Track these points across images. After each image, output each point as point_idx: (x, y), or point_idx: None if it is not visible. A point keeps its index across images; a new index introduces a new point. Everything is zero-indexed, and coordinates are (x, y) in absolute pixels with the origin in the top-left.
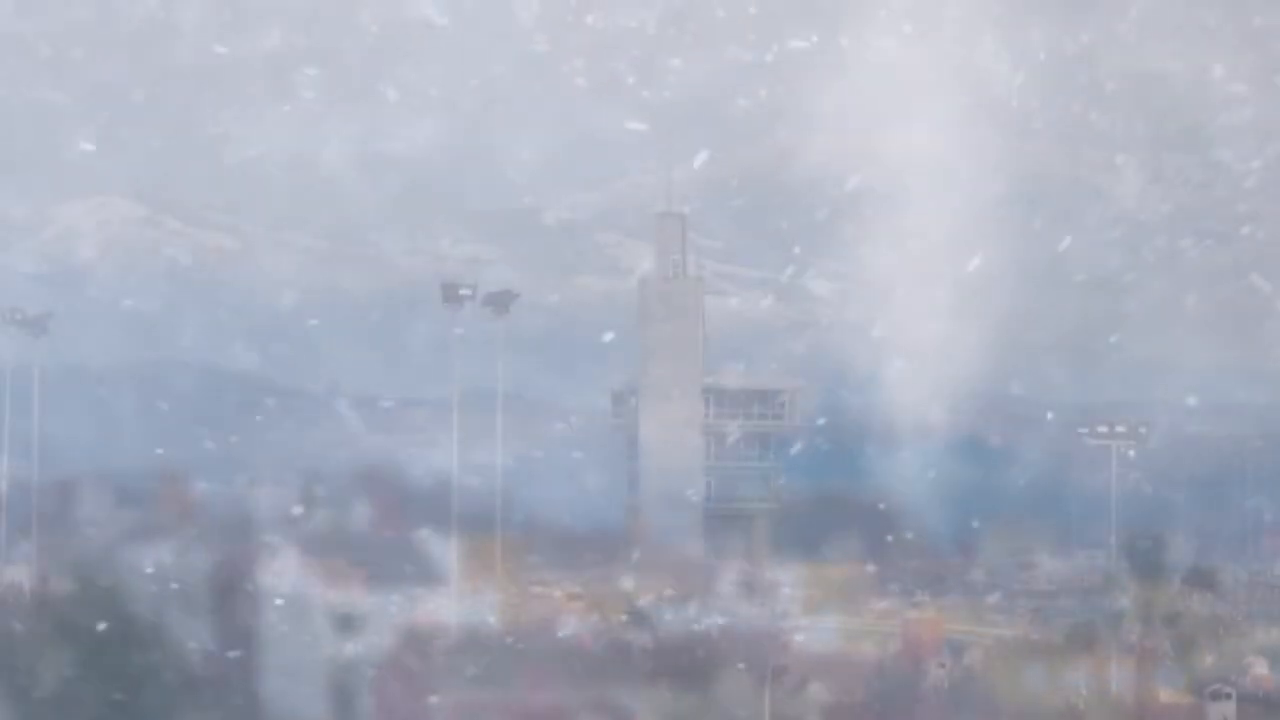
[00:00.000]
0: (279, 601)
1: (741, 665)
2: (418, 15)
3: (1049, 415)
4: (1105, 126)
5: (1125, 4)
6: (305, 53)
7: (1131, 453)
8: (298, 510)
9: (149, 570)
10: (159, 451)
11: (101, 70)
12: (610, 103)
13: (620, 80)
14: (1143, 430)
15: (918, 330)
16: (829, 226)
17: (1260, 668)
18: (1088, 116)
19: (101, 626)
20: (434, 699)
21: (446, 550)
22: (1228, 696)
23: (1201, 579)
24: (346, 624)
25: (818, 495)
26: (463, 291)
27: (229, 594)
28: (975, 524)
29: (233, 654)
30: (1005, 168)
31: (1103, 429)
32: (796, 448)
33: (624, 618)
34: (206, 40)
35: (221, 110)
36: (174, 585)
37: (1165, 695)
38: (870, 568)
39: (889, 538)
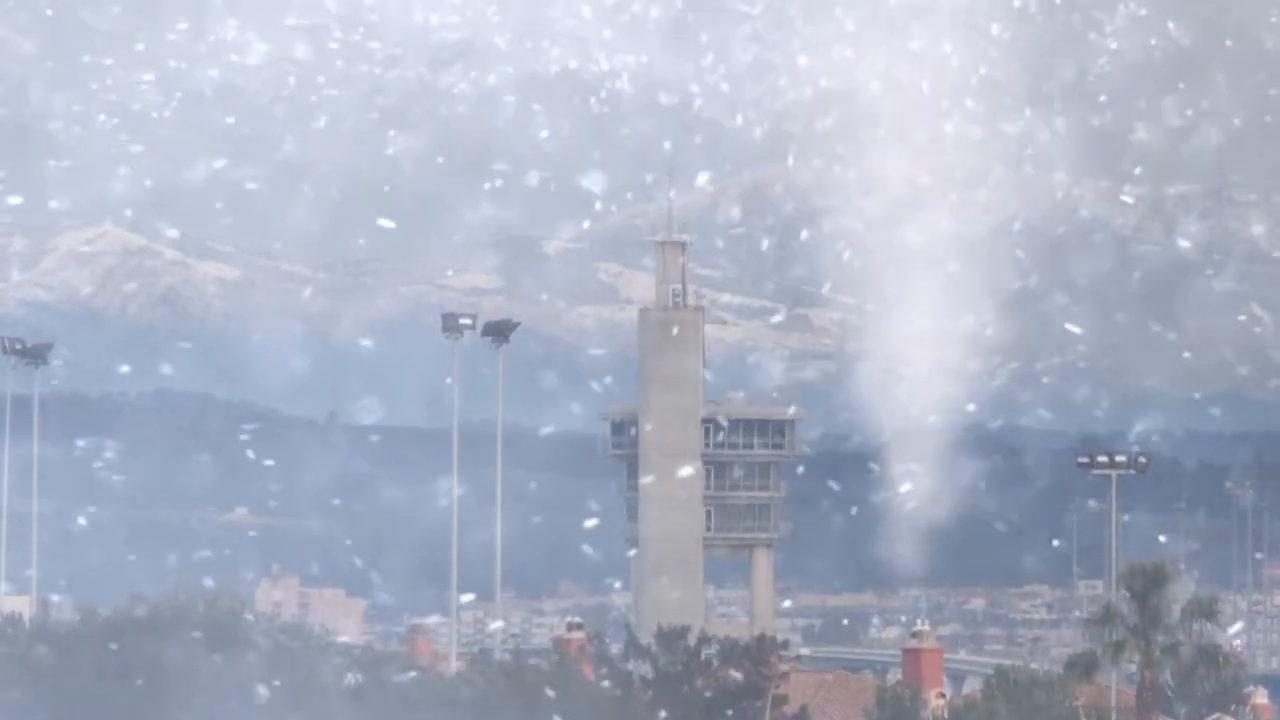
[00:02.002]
0: None
1: (740, 695)
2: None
3: (1049, 444)
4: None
5: None
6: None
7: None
8: None
9: None
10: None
11: None
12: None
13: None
14: (1142, 459)
15: (918, 359)
16: (829, 255)
17: (1260, 697)
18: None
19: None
20: None
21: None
22: None
23: (1201, 608)
24: None
25: (819, 525)
26: (463, 321)
27: None
28: (975, 553)
29: None
30: (1004, 198)
31: (1102, 458)
32: (797, 477)
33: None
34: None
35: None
36: None
37: None
38: (871, 597)
39: (889, 567)
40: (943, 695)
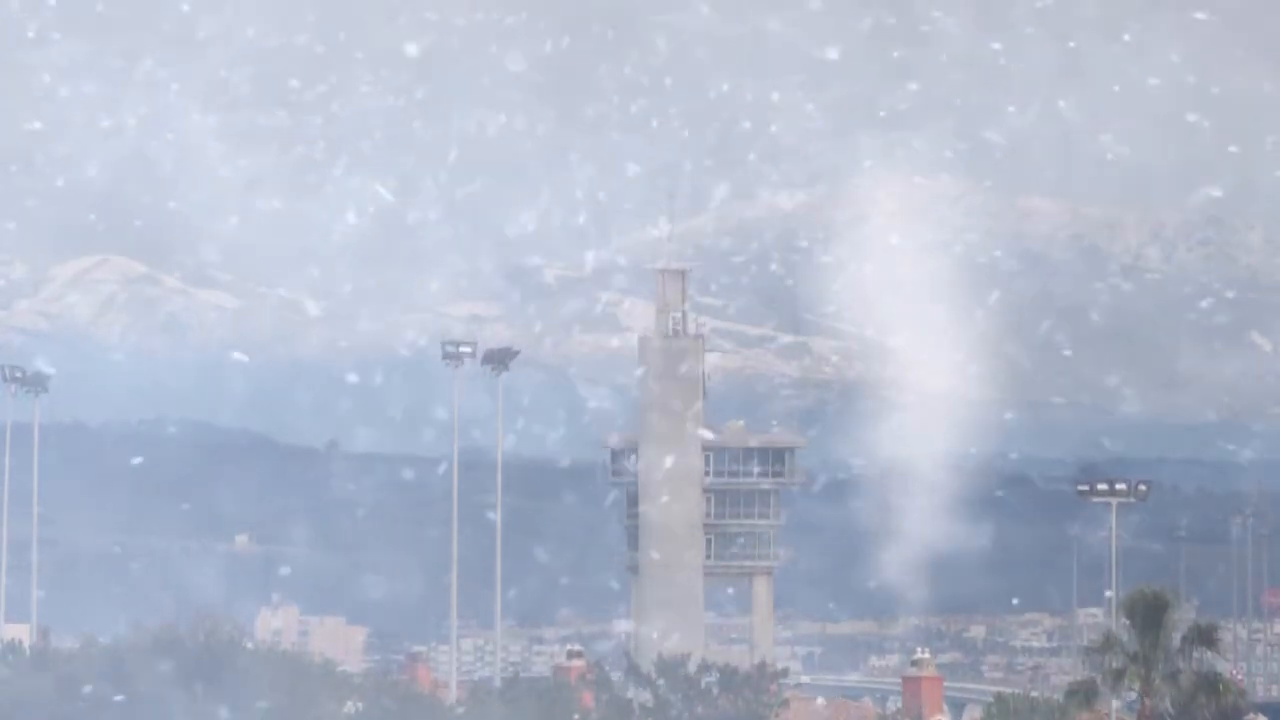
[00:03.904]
0: None
1: None
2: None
3: (1049, 471)
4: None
5: None
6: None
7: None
8: None
9: None
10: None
11: None
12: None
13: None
14: (1142, 488)
15: (919, 387)
16: (829, 283)
17: None
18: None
19: None
20: None
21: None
22: None
23: (1201, 636)
24: None
25: (818, 552)
26: (463, 349)
27: None
28: (976, 581)
29: None
30: (1005, 224)
31: (1103, 486)
32: (797, 504)
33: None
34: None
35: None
36: None
37: None
38: (871, 625)
39: (890, 595)
40: None
